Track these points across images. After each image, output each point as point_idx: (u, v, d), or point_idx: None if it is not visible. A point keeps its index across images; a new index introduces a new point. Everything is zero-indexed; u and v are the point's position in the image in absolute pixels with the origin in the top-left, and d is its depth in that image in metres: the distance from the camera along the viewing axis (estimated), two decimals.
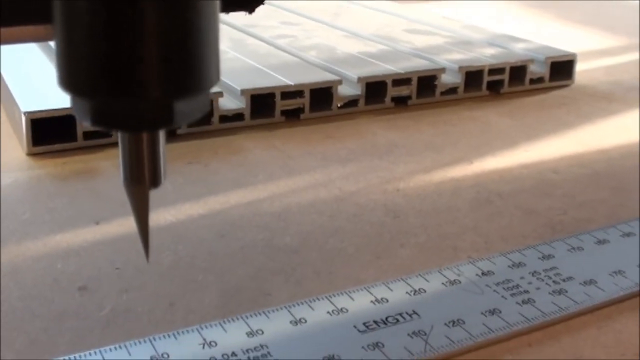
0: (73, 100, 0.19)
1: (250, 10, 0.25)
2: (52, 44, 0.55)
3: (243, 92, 0.49)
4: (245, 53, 0.57)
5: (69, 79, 0.19)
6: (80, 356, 0.26)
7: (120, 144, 0.20)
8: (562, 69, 0.61)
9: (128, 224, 0.36)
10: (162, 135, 0.20)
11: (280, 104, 0.50)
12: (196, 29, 0.18)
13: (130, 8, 0.18)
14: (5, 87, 0.49)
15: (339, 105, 0.52)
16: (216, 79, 0.20)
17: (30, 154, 0.44)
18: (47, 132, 0.44)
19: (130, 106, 0.19)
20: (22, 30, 0.22)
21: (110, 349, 0.26)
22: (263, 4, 0.25)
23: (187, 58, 0.18)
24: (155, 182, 0.21)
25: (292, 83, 0.50)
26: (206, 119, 0.48)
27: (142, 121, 0.19)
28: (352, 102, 0.53)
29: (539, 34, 0.77)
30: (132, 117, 0.19)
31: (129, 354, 0.26)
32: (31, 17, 0.22)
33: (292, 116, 0.51)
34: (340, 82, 0.52)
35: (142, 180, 0.20)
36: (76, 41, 0.18)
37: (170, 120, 0.19)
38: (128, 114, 0.19)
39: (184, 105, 0.19)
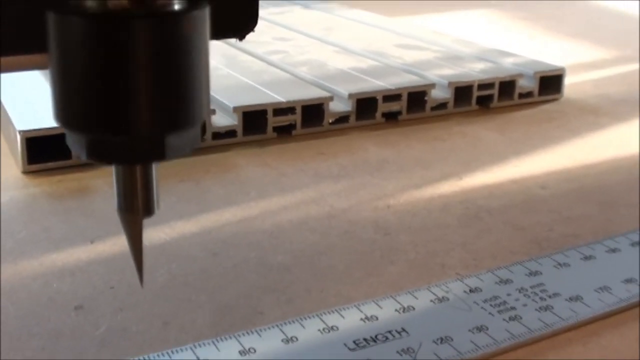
0: (68, 135, 0.20)
1: (241, 37, 0.25)
2: None
3: (235, 109, 0.49)
4: (237, 70, 0.58)
5: (64, 115, 0.20)
6: None
7: (114, 175, 0.21)
8: (551, 83, 0.62)
9: (122, 243, 0.36)
10: (154, 167, 0.21)
11: (272, 121, 0.51)
12: (186, 69, 0.19)
13: (122, 50, 0.18)
14: (0, 107, 0.49)
15: (330, 121, 0.53)
16: (206, 114, 0.20)
17: (26, 172, 0.44)
18: (42, 150, 0.45)
19: (123, 141, 0.19)
20: (24, 59, 0.23)
21: None
22: (253, 31, 0.26)
23: (177, 96, 0.19)
24: (148, 211, 0.21)
25: (283, 100, 0.51)
26: None
27: (135, 155, 0.20)
28: (343, 118, 0.53)
29: (528, 47, 0.78)
30: (125, 151, 0.19)
31: None
32: (34, 45, 0.22)
33: (284, 132, 0.52)
34: (331, 98, 0.52)
35: (135, 210, 0.21)
36: (70, 80, 0.19)
37: (162, 154, 0.20)
38: (121, 148, 0.19)
39: (175, 139, 0.20)
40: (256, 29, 0.25)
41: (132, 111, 0.19)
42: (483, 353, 0.29)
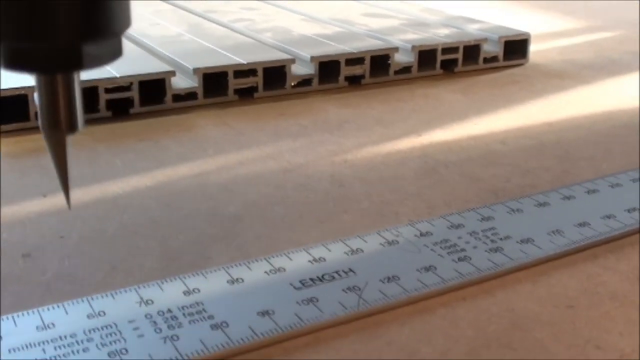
0: None
1: None
2: None
3: (195, 70, 0.49)
4: (201, 35, 0.58)
5: None
6: (19, 315, 0.26)
7: (36, 90, 0.21)
8: (516, 48, 0.62)
9: (76, 196, 0.36)
10: (77, 80, 0.21)
11: (234, 83, 0.50)
12: None
13: None
14: None
15: (292, 84, 0.52)
16: (125, 25, 0.20)
17: None
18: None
19: (40, 49, 0.19)
20: None
21: (49, 309, 0.27)
22: None
23: (95, 5, 0.19)
24: (72, 127, 0.21)
25: (244, 62, 0.50)
26: (159, 98, 0.48)
27: (52, 64, 0.20)
28: (306, 82, 0.53)
29: (498, 18, 0.78)
30: (42, 59, 0.19)
31: (66, 313, 0.27)
32: None
33: (246, 95, 0.51)
34: (293, 61, 0.52)
35: (59, 125, 0.21)
36: None
37: (80, 63, 0.20)
38: (38, 56, 0.19)
39: (93, 49, 0.20)
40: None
41: (49, 18, 0.19)
42: (430, 291, 0.29)
